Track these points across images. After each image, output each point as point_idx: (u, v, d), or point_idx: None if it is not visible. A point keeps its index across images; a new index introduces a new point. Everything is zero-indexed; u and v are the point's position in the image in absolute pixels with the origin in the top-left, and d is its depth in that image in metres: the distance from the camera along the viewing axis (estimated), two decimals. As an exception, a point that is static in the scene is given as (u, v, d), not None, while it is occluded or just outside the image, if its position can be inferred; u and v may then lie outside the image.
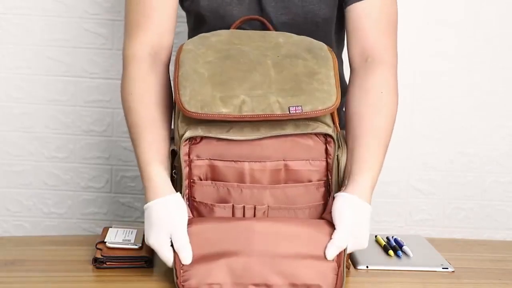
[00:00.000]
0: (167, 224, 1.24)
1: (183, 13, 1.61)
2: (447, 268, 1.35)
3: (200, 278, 1.20)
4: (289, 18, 1.48)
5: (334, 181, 1.30)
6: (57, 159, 2.20)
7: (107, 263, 1.30)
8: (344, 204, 1.26)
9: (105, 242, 1.35)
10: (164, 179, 1.29)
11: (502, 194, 2.25)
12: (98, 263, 1.30)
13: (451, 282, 1.30)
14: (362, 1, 1.45)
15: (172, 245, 1.24)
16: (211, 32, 1.40)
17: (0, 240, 1.60)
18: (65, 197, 2.23)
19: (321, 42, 1.38)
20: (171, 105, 1.39)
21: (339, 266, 1.22)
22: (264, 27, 1.46)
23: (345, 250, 1.25)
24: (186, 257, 1.23)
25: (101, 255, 1.31)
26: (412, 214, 2.26)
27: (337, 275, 1.22)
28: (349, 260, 1.32)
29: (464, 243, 1.58)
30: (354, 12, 1.45)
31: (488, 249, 1.51)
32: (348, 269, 1.32)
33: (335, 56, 1.35)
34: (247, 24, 1.48)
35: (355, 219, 1.26)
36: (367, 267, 1.34)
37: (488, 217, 2.26)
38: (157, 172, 1.29)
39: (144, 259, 1.31)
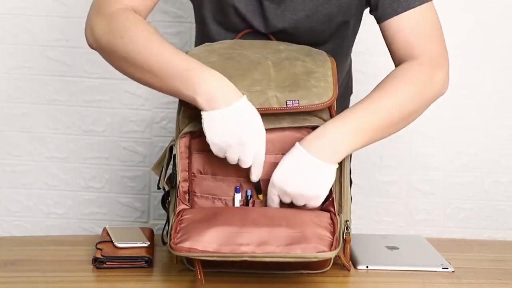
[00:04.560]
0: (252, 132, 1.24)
1: (183, 13, 1.61)
2: (447, 268, 1.35)
3: (192, 240, 1.19)
4: (296, 35, 1.48)
5: None
6: (57, 159, 2.21)
7: (107, 263, 1.30)
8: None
9: (113, 242, 1.35)
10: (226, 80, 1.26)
11: (502, 194, 2.25)
12: (98, 263, 1.30)
13: (451, 282, 1.30)
14: (395, 17, 1.42)
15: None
16: (215, 42, 1.42)
17: (0, 240, 1.60)
18: (65, 197, 2.23)
19: (320, 50, 1.40)
20: None
21: (334, 233, 1.23)
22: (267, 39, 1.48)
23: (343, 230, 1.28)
24: (259, 175, 1.27)
25: (101, 255, 1.31)
26: (412, 214, 2.26)
27: (333, 238, 1.22)
28: (349, 261, 1.33)
29: (464, 243, 1.58)
30: (389, 26, 1.42)
31: (488, 249, 1.51)
32: (349, 270, 1.32)
33: (333, 60, 1.37)
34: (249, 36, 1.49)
35: (292, 168, 1.25)
36: (367, 267, 1.34)
37: (488, 217, 2.26)
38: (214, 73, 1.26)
39: (144, 259, 1.31)
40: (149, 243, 1.36)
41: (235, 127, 1.24)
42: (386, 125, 1.33)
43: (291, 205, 1.29)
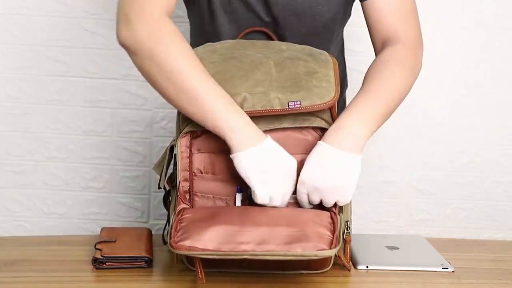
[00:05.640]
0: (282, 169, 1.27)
1: (183, 13, 1.61)
2: (447, 268, 1.35)
3: (193, 239, 1.19)
4: (297, 19, 1.49)
5: None
6: (57, 159, 2.21)
7: (107, 264, 1.30)
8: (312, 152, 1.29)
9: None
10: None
11: (502, 194, 2.25)
12: (98, 263, 1.30)
13: (451, 282, 1.30)
14: None
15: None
16: (217, 42, 1.42)
17: (0, 240, 1.60)
18: (65, 197, 2.23)
19: (322, 50, 1.41)
20: None
21: (334, 232, 1.23)
22: (268, 39, 1.48)
23: (344, 225, 1.28)
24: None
25: (101, 256, 1.31)
26: (412, 214, 2.26)
27: (333, 237, 1.22)
28: (349, 261, 1.33)
29: (464, 243, 1.58)
30: (372, 6, 1.48)
31: (488, 249, 1.51)
32: (349, 270, 1.32)
33: (335, 60, 1.38)
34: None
35: (318, 163, 1.26)
36: (367, 267, 1.34)
37: (488, 217, 2.26)
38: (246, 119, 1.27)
39: (144, 259, 1.31)
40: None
41: (268, 164, 1.26)
42: (388, 109, 1.37)
43: (320, 206, 1.29)
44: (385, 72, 1.39)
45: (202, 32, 1.53)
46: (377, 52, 1.49)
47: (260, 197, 1.26)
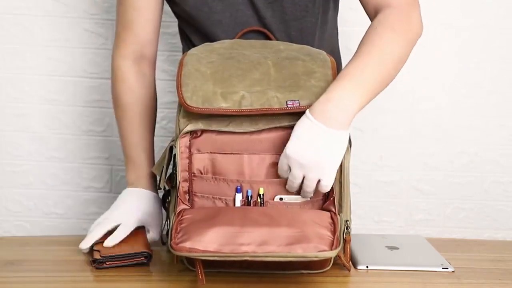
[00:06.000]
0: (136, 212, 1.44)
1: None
2: (447, 268, 1.35)
3: (193, 240, 1.19)
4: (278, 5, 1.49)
5: None
6: (57, 159, 2.20)
7: (107, 263, 1.30)
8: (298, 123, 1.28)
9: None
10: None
11: (502, 194, 2.25)
12: (97, 263, 1.30)
13: (451, 282, 1.30)
14: None
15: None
16: (216, 42, 1.43)
17: (0, 240, 1.60)
18: (65, 197, 2.23)
19: (320, 50, 1.41)
20: (155, 112, 1.63)
21: (334, 233, 1.22)
22: (266, 39, 1.48)
23: (344, 224, 1.29)
24: (109, 242, 1.36)
25: (100, 256, 1.31)
26: (412, 214, 2.26)
27: (333, 237, 1.21)
28: (349, 261, 1.33)
29: (464, 243, 1.58)
30: None
31: (488, 249, 1.51)
32: (349, 270, 1.32)
33: (333, 60, 1.38)
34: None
35: (304, 138, 1.25)
36: (367, 267, 1.34)
37: (488, 217, 2.26)
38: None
39: (143, 254, 1.31)
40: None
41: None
42: (383, 75, 1.33)
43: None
44: (374, 38, 1.35)
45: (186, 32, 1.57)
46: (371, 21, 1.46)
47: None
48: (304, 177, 1.27)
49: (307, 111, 1.26)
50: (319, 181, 1.26)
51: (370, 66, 1.31)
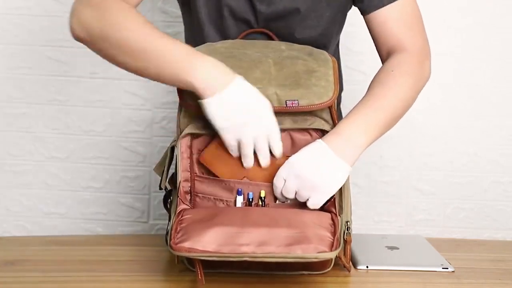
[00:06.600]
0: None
1: (180, 13, 1.61)
2: (447, 268, 1.35)
3: (192, 240, 1.19)
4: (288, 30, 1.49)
5: None
6: (57, 159, 2.21)
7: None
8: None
9: None
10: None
11: (502, 194, 2.25)
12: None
13: (451, 282, 1.30)
14: (381, 9, 1.47)
15: None
16: (217, 42, 1.43)
17: (0, 240, 1.60)
18: (65, 197, 2.23)
19: (322, 50, 1.41)
20: None
21: (334, 234, 1.23)
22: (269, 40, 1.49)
23: (343, 225, 1.28)
24: (280, 149, 1.28)
25: None
26: (412, 214, 2.26)
27: (334, 239, 1.21)
28: (349, 261, 1.33)
29: (464, 243, 1.58)
30: (375, 20, 1.48)
31: (488, 249, 1.51)
32: (349, 270, 1.32)
33: (335, 59, 1.37)
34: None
35: (310, 155, 1.26)
36: (367, 267, 1.34)
37: (488, 217, 2.26)
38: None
39: None
40: None
41: (238, 107, 1.24)
42: (391, 119, 1.37)
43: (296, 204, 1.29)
44: (390, 82, 1.39)
45: (193, 39, 1.54)
46: (383, 61, 1.49)
47: (227, 142, 1.26)
48: (296, 193, 1.28)
49: (319, 139, 1.28)
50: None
51: (383, 108, 1.35)
